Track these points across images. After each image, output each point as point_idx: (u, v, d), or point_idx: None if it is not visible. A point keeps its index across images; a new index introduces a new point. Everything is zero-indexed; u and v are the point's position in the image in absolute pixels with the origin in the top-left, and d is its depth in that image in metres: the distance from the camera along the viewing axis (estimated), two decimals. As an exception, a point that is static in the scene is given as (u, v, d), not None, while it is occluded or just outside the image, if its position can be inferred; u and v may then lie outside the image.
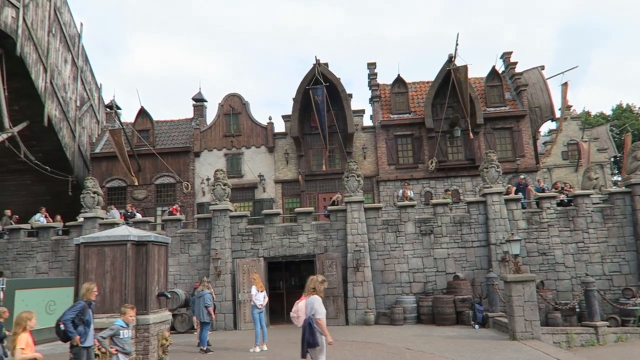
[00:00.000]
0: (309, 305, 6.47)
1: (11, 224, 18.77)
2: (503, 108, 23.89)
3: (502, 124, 23.58)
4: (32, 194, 24.04)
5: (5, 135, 19.44)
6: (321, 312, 6.43)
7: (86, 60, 26.38)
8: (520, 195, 17.35)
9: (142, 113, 25.63)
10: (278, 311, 17.84)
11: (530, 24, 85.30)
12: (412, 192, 19.41)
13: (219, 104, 25.31)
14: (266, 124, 24.77)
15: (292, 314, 6.70)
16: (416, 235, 16.71)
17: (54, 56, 22.37)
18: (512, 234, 15.17)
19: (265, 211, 17.90)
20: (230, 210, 17.41)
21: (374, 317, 15.53)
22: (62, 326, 6.58)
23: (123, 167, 22.91)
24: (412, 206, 17.21)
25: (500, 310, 14.32)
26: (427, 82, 25.53)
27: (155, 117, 26.23)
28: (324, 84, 22.31)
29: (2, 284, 13.20)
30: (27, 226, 18.46)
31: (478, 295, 15.45)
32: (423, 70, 71.69)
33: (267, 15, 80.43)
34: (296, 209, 18.28)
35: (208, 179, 23.74)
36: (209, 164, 24.37)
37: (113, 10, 75.46)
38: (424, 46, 75.83)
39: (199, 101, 26.82)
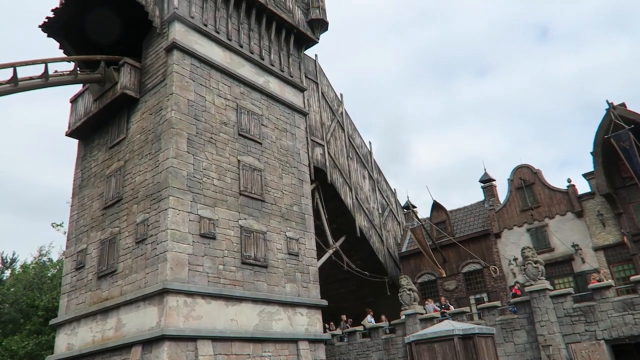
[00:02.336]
0: None
1: (347, 327, 21.32)
2: None
3: None
4: (357, 297, 27.10)
5: (331, 251, 23.19)
6: None
7: (379, 171, 29.77)
8: None
9: (436, 206, 26.90)
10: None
11: None
12: None
13: (508, 179, 24.51)
14: (566, 188, 22.54)
15: None
16: None
17: (354, 176, 26.11)
18: None
19: (592, 285, 15.63)
20: (549, 290, 15.86)
21: None
22: None
23: (429, 261, 23.94)
24: None
25: None
26: None
27: (447, 207, 27.10)
28: (626, 126, 19.29)
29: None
30: (359, 328, 20.64)
31: None
32: None
33: (535, 76, 76.85)
34: (632, 277, 15.35)
35: (515, 259, 22.50)
36: (513, 243, 23.20)
37: (393, 123, 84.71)
38: None
39: (487, 182, 26.61)
